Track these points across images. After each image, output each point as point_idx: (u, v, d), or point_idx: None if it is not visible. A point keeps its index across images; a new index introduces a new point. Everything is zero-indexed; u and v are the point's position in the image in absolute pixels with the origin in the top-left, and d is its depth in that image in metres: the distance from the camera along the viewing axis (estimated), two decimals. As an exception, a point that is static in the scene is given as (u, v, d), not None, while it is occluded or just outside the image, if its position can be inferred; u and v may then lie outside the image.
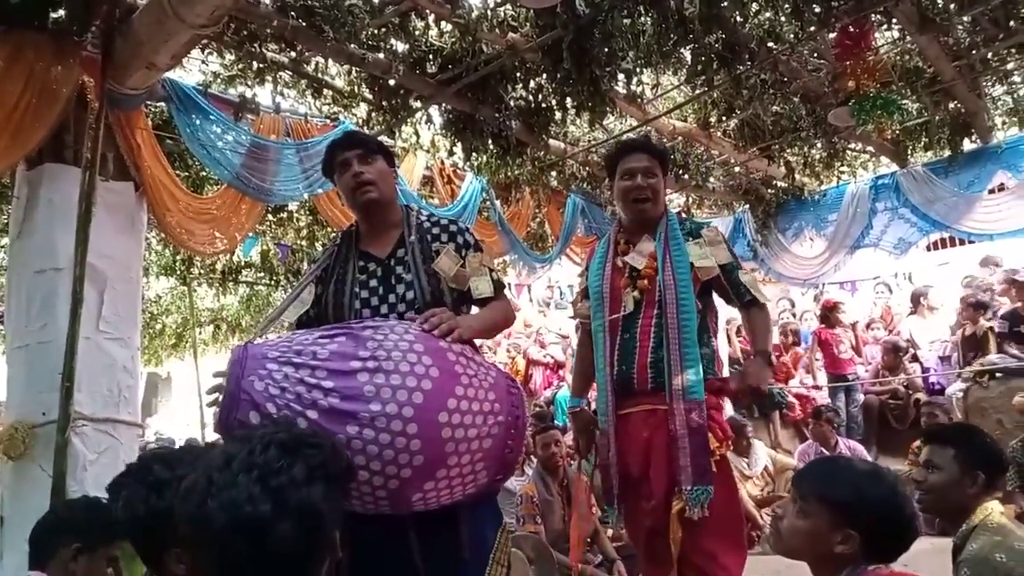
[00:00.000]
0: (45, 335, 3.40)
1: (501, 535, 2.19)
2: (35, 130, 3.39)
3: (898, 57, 5.33)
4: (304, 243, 6.78)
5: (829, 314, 7.61)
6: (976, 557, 1.89)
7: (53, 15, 3.54)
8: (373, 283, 2.18)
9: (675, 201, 8.08)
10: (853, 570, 1.57)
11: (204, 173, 5.05)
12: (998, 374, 5.91)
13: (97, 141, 3.47)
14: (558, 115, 5.11)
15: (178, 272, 8.33)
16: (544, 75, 4.73)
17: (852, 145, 7.03)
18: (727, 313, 5.74)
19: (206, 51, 4.36)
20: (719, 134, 6.19)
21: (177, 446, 5.07)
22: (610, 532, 5.06)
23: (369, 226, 2.30)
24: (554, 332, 9.45)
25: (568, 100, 4.82)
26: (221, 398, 1.72)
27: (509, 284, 9.22)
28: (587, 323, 2.85)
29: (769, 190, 7.43)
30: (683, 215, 3.07)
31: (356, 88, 4.82)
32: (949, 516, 2.10)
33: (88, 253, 3.36)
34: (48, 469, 3.22)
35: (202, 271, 8.55)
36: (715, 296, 2.76)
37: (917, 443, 5.51)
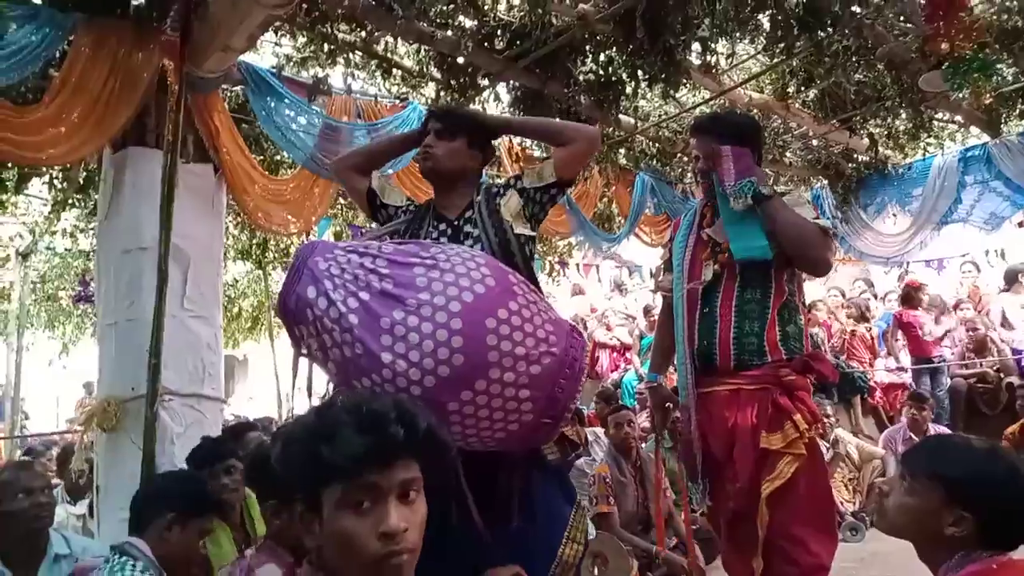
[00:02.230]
0: (133, 313, 3.53)
1: (576, 512, 2.14)
2: (119, 115, 3.51)
3: (995, 16, 4.99)
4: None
5: (913, 294, 7.28)
6: None
7: (133, 2, 3.63)
8: (443, 240, 2.18)
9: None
10: (967, 555, 1.46)
11: (279, 156, 5.13)
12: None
13: (177, 124, 3.54)
14: (629, 89, 4.98)
15: (254, 256, 8.56)
16: (615, 47, 4.62)
17: (939, 115, 6.65)
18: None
19: (279, 33, 4.41)
20: (797, 105, 5.93)
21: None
22: (684, 516, 4.98)
23: (439, 193, 2.32)
24: (621, 314, 9.32)
25: (640, 72, 4.69)
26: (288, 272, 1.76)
27: (578, 265, 9.15)
28: (668, 296, 2.77)
29: (850, 164, 7.10)
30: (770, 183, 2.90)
31: (425, 67, 4.81)
32: None
33: (171, 234, 3.46)
34: (138, 442, 3.34)
35: (276, 255, 8.76)
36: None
37: (1011, 428, 5.22)
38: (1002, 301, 7.36)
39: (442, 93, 4.88)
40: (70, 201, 5.46)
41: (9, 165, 4.56)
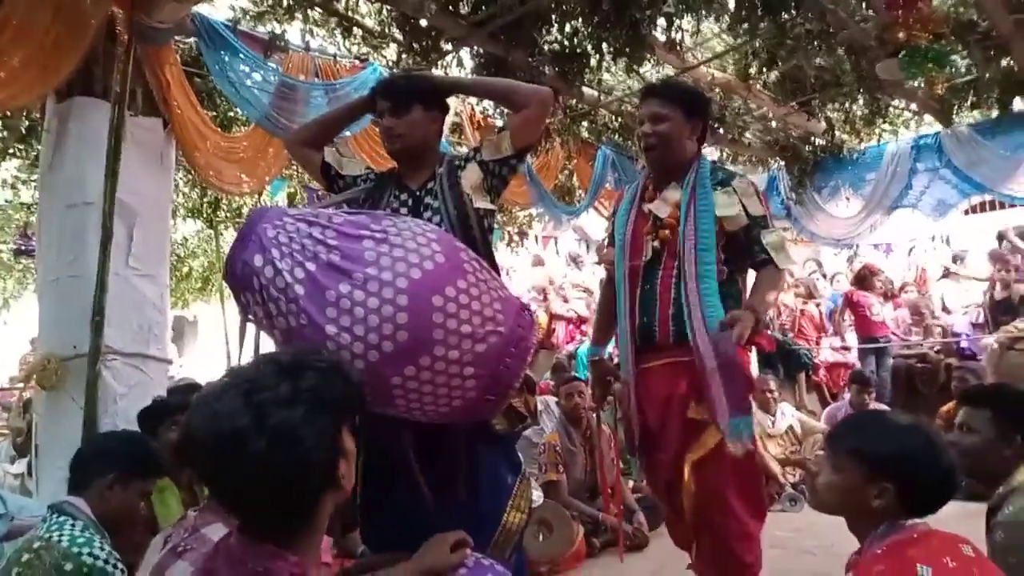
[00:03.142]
0: (76, 269, 3.42)
1: (520, 482, 2.18)
2: (64, 62, 3.35)
3: (952, 8, 5.08)
4: (331, 188, 6.72)
5: (868, 276, 7.46)
6: (1013, 520, 1.84)
7: (82, -57, 3.46)
8: (403, 211, 2.18)
9: (709, 156, 7.90)
10: (891, 525, 1.53)
11: (232, 113, 4.99)
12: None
13: (126, 75, 3.43)
14: (593, 61, 4.96)
15: (204, 215, 8.35)
16: (581, 18, 4.58)
17: (895, 102, 6.78)
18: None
19: (236, -15, 4.27)
20: (759, 86, 5.98)
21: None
22: (631, 483, 5.10)
23: (403, 164, 2.32)
24: (579, 287, 9.39)
25: (604, 45, 4.66)
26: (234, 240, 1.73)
27: (536, 237, 9.15)
28: (611, 270, 2.78)
29: (807, 147, 7.22)
30: (717, 163, 2.93)
31: (387, 28, 4.70)
32: (985, 479, 2.05)
33: (118, 188, 3.36)
34: (79, 401, 3.27)
35: (228, 214, 8.56)
36: None
37: (946, 407, 5.44)
38: (943, 286, 7.61)
39: (403, 56, 4.78)
40: (11, 151, 5.24)
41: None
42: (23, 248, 7.52)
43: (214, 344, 10.61)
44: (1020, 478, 1.94)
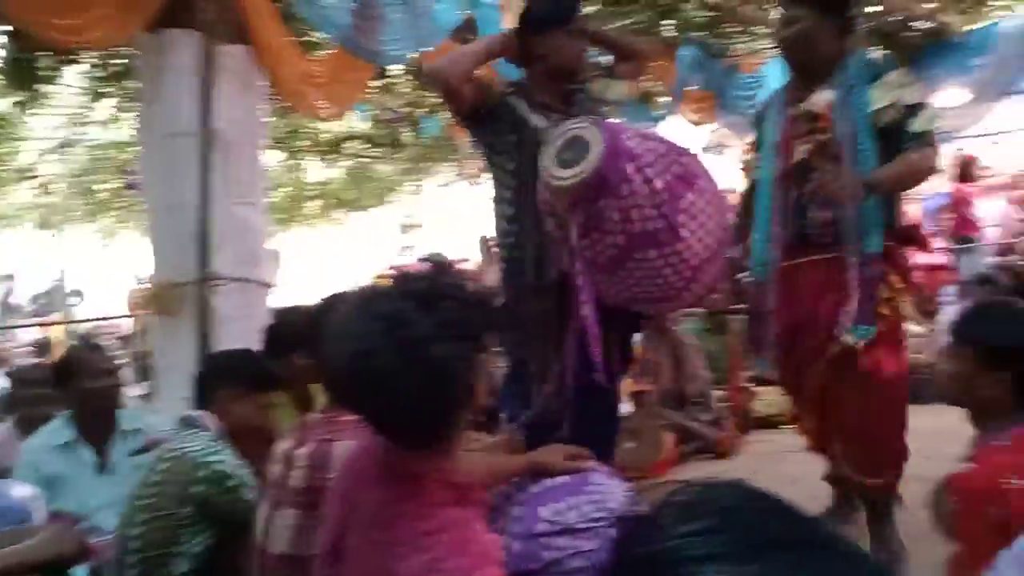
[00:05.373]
0: (179, 198, 3.52)
1: None
2: (149, -5, 3.38)
3: None
4: (410, 107, 6.70)
5: (967, 168, 7.01)
6: None
7: None
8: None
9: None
10: (1018, 416, 1.48)
11: (312, 37, 4.97)
12: None
13: (211, 4, 3.44)
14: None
15: (286, 144, 8.46)
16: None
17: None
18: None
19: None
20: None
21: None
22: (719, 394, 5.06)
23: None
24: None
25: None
26: (593, 149, 1.88)
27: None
28: (753, 175, 2.74)
29: (907, 32, 6.66)
30: (872, 59, 2.83)
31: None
32: None
33: (212, 117, 3.42)
34: (192, 325, 3.44)
35: (309, 143, 8.64)
36: None
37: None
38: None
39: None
40: (107, 90, 5.40)
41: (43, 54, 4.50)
42: (131, 184, 7.82)
43: (296, 275, 10.89)
44: None
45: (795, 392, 2.78)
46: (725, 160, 7.97)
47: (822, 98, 2.46)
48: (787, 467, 3.54)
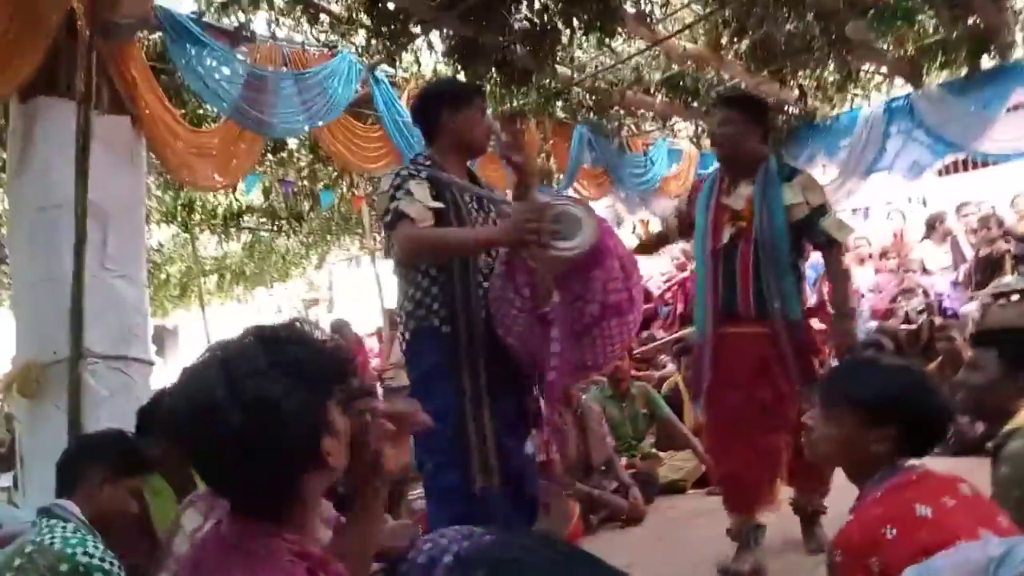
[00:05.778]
0: (50, 273, 3.35)
1: None
2: (24, 61, 3.28)
3: (920, -33, 5.10)
4: (306, 182, 6.66)
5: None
6: (1019, 452, 1.85)
7: (36, -62, 3.37)
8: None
9: (683, 131, 7.90)
10: (889, 468, 1.53)
11: (202, 110, 4.91)
12: (1014, 296, 5.84)
13: (90, 72, 3.36)
14: (564, 38, 4.92)
15: (179, 219, 8.21)
16: (550, -6, 4.54)
17: (866, 66, 6.81)
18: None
19: (198, -24, 4.19)
20: (730, 56, 5.98)
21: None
22: (623, 460, 5.09)
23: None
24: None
25: (575, 21, 4.63)
26: (586, 223, 2.00)
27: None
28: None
29: (780, 116, 7.24)
30: (782, 161, 3.30)
31: (354, 13, 4.64)
32: (991, 417, 2.08)
33: (88, 189, 3.28)
34: (62, 407, 3.21)
35: (203, 217, 8.42)
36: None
37: (930, 367, 5.49)
38: (923, 249, 7.65)
39: (372, 41, 4.72)
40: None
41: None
42: (-1, 259, 7.35)
43: (195, 352, 10.40)
44: None
45: (721, 440, 3.10)
46: (622, 233, 8.27)
47: (745, 191, 2.90)
48: (696, 531, 3.63)
